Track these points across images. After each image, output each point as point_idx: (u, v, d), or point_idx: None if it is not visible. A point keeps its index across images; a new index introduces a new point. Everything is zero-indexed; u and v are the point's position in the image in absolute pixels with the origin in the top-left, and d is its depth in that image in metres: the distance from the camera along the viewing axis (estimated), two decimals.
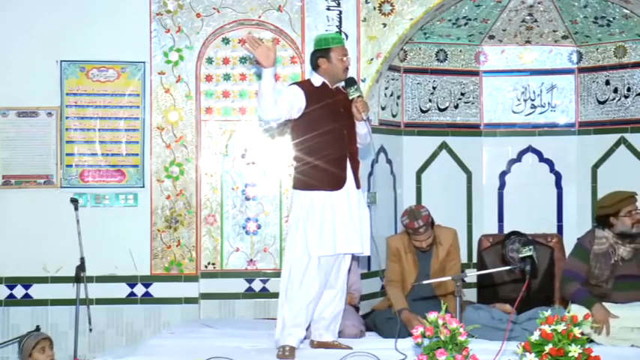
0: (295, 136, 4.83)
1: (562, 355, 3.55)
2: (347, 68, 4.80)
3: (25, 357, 5.36)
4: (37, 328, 5.89)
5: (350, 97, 4.73)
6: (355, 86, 4.75)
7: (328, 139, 4.70)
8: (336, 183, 4.69)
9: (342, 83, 4.85)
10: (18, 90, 6.32)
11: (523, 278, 4.82)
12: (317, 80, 4.80)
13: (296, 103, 4.68)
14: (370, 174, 6.40)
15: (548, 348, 3.57)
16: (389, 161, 6.72)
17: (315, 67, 4.83)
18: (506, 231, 6.28)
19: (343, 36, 5.89)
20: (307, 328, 4.84)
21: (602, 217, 5.32)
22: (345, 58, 4.77)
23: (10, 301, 6.30)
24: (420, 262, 5.53)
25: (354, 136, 4.81)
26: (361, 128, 4.79)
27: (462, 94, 6.96)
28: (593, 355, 3.63)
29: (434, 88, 6.88)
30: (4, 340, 6.15)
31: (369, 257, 5.90)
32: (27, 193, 6.32)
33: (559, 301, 5.67)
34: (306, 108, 4.71)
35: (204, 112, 6.45)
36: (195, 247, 6.36)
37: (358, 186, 4.79)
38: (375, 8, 6.29)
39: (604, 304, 5.08)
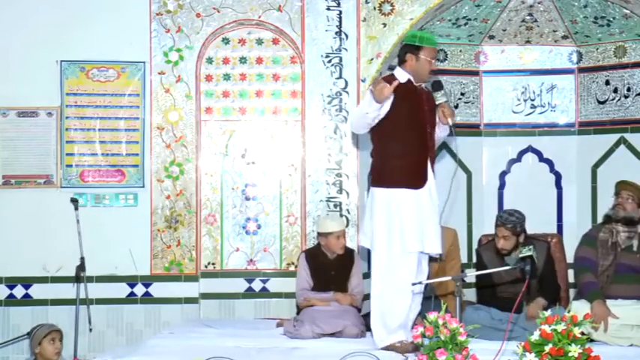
0: (380, 132, 4.78)
1: (562, 355, 3.56)
2: (433, 71, 4.77)
3: (34, 345, 5.42)
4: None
5: (437, 102, 4.73)
6: (442, 91, 4.74)
7: (413, 137, 4.70)
8: (419, 181, 4.69)
9: (426, 85, 4.85)
10: (18, 90, 6.32)
11: (523, 278, 4.83)
12: (402, 76, 4.75)
13: (384, 106, 4.65)
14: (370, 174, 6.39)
15: (548, 348, 3.57)
16: None
17: (401, 61, 4.81)
18: None
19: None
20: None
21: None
22: (433, 61, 4.74)
23: (10, 301, 6.30)
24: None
25: (434, 136, 4.81)
26: (443, 131, 4.80)
27: (462, 94, 6.96)
28: (593, 355, 3.64)
29: None
30: (4, 340, 6.15)
31: (369, 258, 5.89)
32: (27, 193, 6.32)
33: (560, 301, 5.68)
34: (392, 105, 4.67)
35: (204, 112, 6.45)
36: (195, 247, 6.36)
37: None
38: (375, 8, 6.30)
39: (607, 301, 5.10)
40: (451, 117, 4.71)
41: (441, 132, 4.85)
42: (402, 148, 4.70)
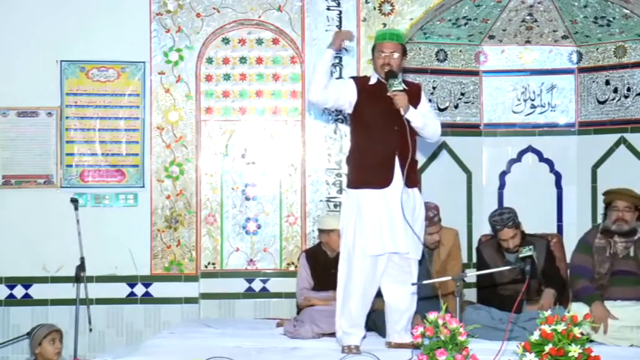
0: (350, 133, 4.85)
1: (562, 355, 3.55)
2: (386, 64, 4.67)
3: (34, 346, 5.42)
4: None
5: (387, 93, 4.59)
6: (390, 81, 4.60)
7: (375, 136, 4.66)
8: (381, 181, 4.62)
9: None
10: (18, 90, 6.32)
11: (523, 278, 4.83)
12: (373, 77, 4.80)
13: (346, 95, 4.68)
14: None
15: (548, 348, 3.57)
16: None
17: None
18: None
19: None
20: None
21: (604, 208, 5.46)
22: (383, 55, 4.69)
23: (10, 301, 6.31)
24: (421, 262, 5.53)
25: (406, 133, 4.64)
26: (414, 122, 4.65)
27: (462, 94, 6.95)
28: (593, 355, 3.63)
29: (434, 88, 6.88)
30: (4, 340, 6.15)
31: None
32: (27, 193, 6.32)
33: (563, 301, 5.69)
34: (357, 103, 4.70)
35: (204, 112, 6.45)
36: (195, 247, 6.37)
37: (409, 184, 4.66)
38: (375, 8, 6.30)
39: (605, 302, 5.09)
40: (401, 106, 4.57)
41: (414, 125, 4.69)
42: (366, 147, 4.69)
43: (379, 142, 4.65)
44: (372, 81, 4.79)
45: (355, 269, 4.66)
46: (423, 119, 4.70)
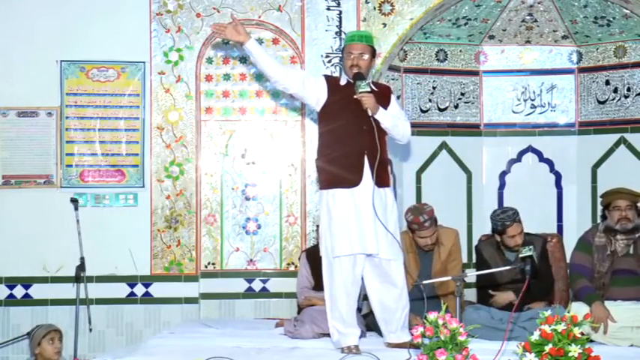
0: (319, 132, 4.82)
1: (562, 355, 3.55)
2: (355, 66, 4.67)
3: (34, 346, 5.44)
4: None
5: (355, 95, 4.60)
6: (357, 83, 4.61)
7: (343, 136, 4.64)
8: (350, 180, 4.61)
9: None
10: (18, 90, 6.32)
11: (523, 278, 4.82)
12: (343, 78, 4.79)
13: (313, 88, 4.67)
14: None
15: (548, 348, 3.57)
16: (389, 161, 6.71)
17: None
18: None
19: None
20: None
21: (603, 210, 5.47)
22: (352, 56, 4.69)
23: (10, 301, 6.31)
24: (421, 262, 5.55)
25: (375, 133, 4.61)
26: (384, 123, 4.65)
27: (462, 94, 6.96)
28: (593, 355, 3.63)
29: (434, 88, 6.88)
30: (4, 340, 6.15)
31: None
32: (27, 193, 6.32)
33: (560, 301, 5.68)
34: (327, 103, 4.69)
35: (204, 112, 6.45)
36: (195, 247, 6.37)
37: (380, 184, 4.64)
38: (375, 8, 6.30)
39: (605, 302, 5.09)
40: (367, 107, 4.56)
41: (395, 130, 4.72)
42: (334, 147, 4.67)
43: (348, 142, 4.64)
44: (342, 82, 4.77)
45: (335, 271, 4.68)
46: (392, 120, 4.70)
